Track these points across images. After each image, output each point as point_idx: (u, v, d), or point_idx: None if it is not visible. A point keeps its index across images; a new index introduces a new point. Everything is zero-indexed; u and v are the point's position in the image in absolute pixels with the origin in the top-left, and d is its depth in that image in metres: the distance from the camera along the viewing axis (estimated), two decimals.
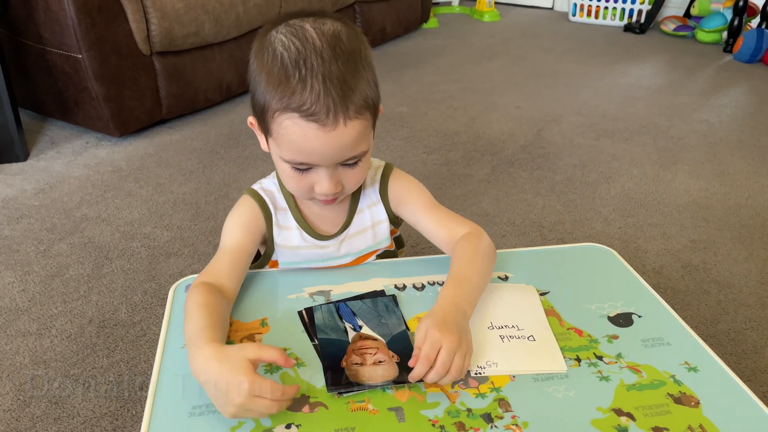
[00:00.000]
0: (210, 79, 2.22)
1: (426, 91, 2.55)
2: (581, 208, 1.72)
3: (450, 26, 3.57)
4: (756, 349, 1.23)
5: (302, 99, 0.67)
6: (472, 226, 0.84)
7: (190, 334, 0.67)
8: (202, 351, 0.63)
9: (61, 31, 1.83)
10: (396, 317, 0.75)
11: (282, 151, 0.72)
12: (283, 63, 0.69)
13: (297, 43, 0.69)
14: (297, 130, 0.68)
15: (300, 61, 0.68)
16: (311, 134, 0.68)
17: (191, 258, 1.48)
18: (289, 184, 0.77)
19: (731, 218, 1.68)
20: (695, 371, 0.68)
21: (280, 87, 0.68)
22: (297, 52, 0.68)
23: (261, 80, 0.71)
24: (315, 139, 0.68)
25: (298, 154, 0.71)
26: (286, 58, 0.69)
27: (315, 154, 0.70)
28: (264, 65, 0.70)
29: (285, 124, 0.69)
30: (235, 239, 0.81)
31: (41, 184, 1.80)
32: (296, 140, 0.69)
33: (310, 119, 0.67)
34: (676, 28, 3.37)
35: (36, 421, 1.05)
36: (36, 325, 1.26)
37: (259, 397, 0.58)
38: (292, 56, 0.68)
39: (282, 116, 0.69)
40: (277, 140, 0.72)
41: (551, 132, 2.19)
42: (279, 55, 0.69)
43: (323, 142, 0.69)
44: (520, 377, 0.67)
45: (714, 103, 2.48)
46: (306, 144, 0.69)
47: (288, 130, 0.69)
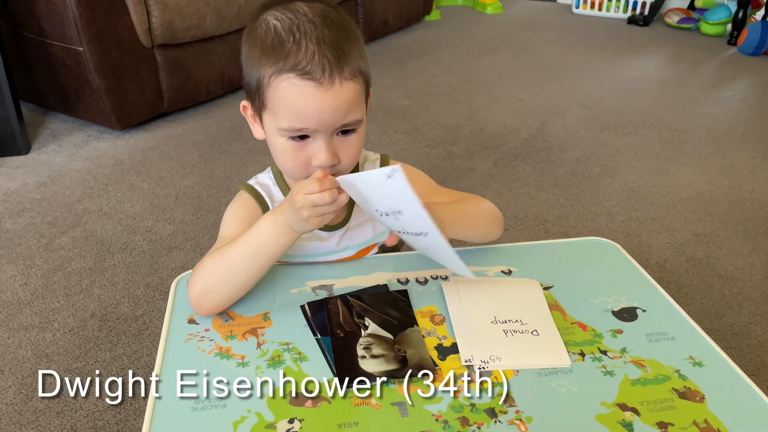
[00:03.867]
0: (211, 72, 2.22)
1: (428, 84, 2.54)
2: (585, 201, 1.71)
3: (453, 18, 3.55)
4: (760, 344, 1.22)
5: (297, 59, 0.68)
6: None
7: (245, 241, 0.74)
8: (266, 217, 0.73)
9: (62, 24, 1.82)
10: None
11: (278, 119, 0.72)
12: (276, 32, 0.70)
13: (289, 14, 0.71)
14: (294, 91, 0.69)
15: (293, 27, 0.69)
16: (308, 93, 0.69)
17: (193, 252, 1.47)
18: (285, 161, 0.77)
19: (735, 212, 1.67)
20: (700, 366, 0.68)
21: (275, 53, 0.69)
22: (290, 21, 0.70)
23: (254, 54, 0.72)
24: (311, 98, 0.69)
25: (295, 118, 0.71)
26: (279, 28, 0.70)
27: (312, 116, 0.70)
28: (257, 39, 0.72)
29: (281, 87, 0.69)
30: (232, 232, 0.81)
31: (43, 178, 1.80)
32: (293, 102, 0.70)
33: (306, 78, 0.68)
34: (680, 20, 3.35)
35: (39, 415, 1.05)
36: (38, 319, 1.26)
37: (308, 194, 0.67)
38: (285, 25, 0.70)
39: (278, 79, 0.69)
40: (273, 109, 0.72)
41: (554, 125, 2.18)
42: (272, 27, 0.71)
43: (319, 101, 0.69)
44: (524, 372, 0.67)
45: (718, 96, 2.47)
46: (303, 105, 0.69)
47: (285, 92, 0.70)
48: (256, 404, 0.63)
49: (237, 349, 0.70)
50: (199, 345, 0.71)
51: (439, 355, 0.69)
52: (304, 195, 0.68)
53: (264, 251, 0.73)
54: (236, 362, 0.68)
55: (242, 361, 0.69)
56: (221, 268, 0.73)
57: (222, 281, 0.74)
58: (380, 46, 3.00)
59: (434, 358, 0.69)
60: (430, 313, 0.76)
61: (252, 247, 0.73)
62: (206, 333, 0.73)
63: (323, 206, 0.68)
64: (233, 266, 0.73)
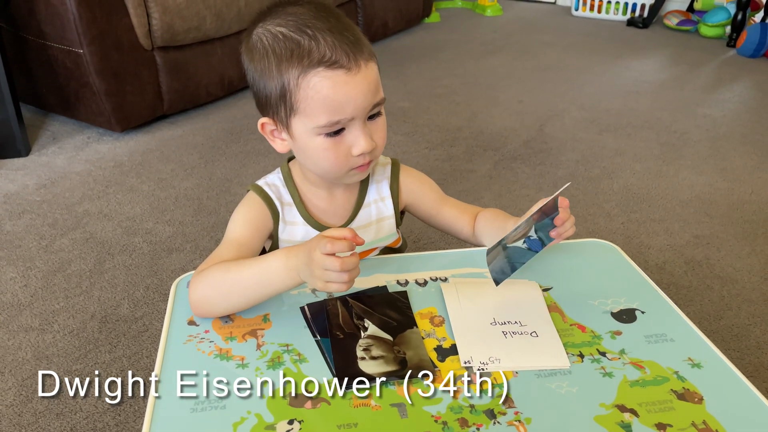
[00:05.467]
0: (211, 74, 2.22)
1: (428, 86, 2.54)
2: (584, 203, 1.71)
3: (452, 21, 3.56)
4: (759, 345, 1.22)
5: (321, 52, 0.69)
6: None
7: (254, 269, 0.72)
8: (280, 253, 0.70)
9: (62, 26, 1.82)
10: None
11: (315, 117, 0.72)
12: (285, 36, 0.70)
13: (290, 18, 0.71)
14: (326, 83, 0.69)
15: (301, 26, 0.70)
16: (341, 81, 0.69)
17: (193, 253, 1.48)
18: (326, 160, 0.76)
19: (734, 214, 1.67)
20: (699, 367, 0.68)
21: (294, 54, 0.69)
22: (294, 22, 0.70)
23: (267, 66, 0.71)
24: (345, 86, 0.70)
25: (332, 111, 0.71)
26: (287, 32, 0.70)
27: (348, 103, 0.71)
28: (266, 50, 0.71)
29: (313, 83, 0.70)
30: (240, 233, 0.81)
31: (43, 180, 1.80)
32: (328, 94, 0.70)
33: (335, 67, 0.69)
34: (679, 22, 3.35)
35: (38, 417, 1.05)
36: (38, 321, 1.26)
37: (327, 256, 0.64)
38: (291, 28, 0.70)
39: (307, 77, 0.70)
40: (306, 110, 0.72)
41: (554, 127, 2.19)
42: (278, 34, 0.71)
43: (352, 87, 0.70)
44: (523, 373, 0.67)
45: (717, 98, 2.47)
46: (338, 94, 0.70)
47: (317, 88, 0.70)
48: (256, 405, 0.63)
49: (237, 351, 0.70)
50: (198, 346, 0.71)
51: (438, 357, 0.69)
52: (321, 254, 0.65)
53: (267, 285, 0.72)
54: (236, 363, 0.69)
55: (242, 363, 0.69)
56: (224, 285, 0.73)
57: (221, 297, 0.74)
58: (380, 48, 3.00)
59: (434, 360, 0.69)
60: (429, 315, 0.76)
61: (257, 278, 0.72)
62: (206, 334, 0.73)
63: (334, 274, 0.65)
64: (235, 288, 0.73)
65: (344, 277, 0.65)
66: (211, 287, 0.73)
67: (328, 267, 0.65)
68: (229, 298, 0.73)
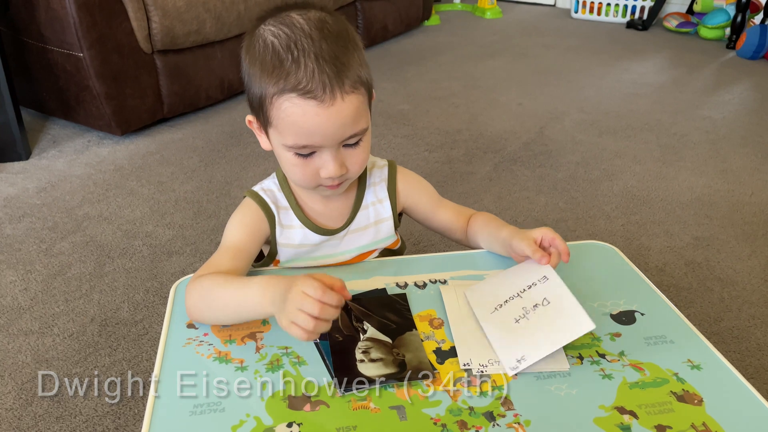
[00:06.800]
0: (211, 77, 2.22)
1: (428, 89, 2.55)
2: (584, 205, 1.71)
3: (452, 23, 3.56)
4: (759, 347, 1.22)
5: (297, 78, 0.68)
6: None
7: (237, 288, 0.71)
8: (263, 279, 0.69)
9: (63, 30, 1.83)
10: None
11: (284, 137, 0.72)
12: (274, 50, 0.69)
13: (286, 29, 0.70)
14: (297, 111, 0.69)
15: (291, 44, 0.69)
16: (311, 112, 0.68)
17: (193, 257, 1.48)
18: (294, 174, 0.77)
19: (734, 215, 1.67)
20: (698, 369, 0.68)
21: (275, 72, 0.69)
22: (287, 37, 0.69)
23: (255, 72, 0.71)
24: (315, 117, 0.69)
25: (300, 136, 0.71)
26: (277, 45, 0.70)
27: (317, 133, 0.70)
28: (256, 56, 0.71)
29: (284, 107, 0.69)
30: (236, 238, 0.81)
31: (43, 183, 1.80)
32: (297, 121, 0.69)
33: (308, 97, 0.68)
34: (679, 24, 3.36)
35: (38, 420, 1.05)
36: (38, 324, 1.26)
37: (307, 296, 0.61)
38: (282, 42, 0.69)
39: (280, 99, 0.69)
40: (278, 127, 0.72)
41: (553, 129, 2.19)
42: (270, 44, 0.70)
43: (324, 119, 0.69)
44: (523, 375, 0.67)
45: (717, 100, 2.47)
46: (307, 123, 0.69)
47: (288, 112, 0.69)
48: (255, 408, 0.63)
49: (236, 354, 0.70)
50: (198, 349, 0.71)
51: (437, 359, 0.69)
52: (302, 292, 0.62)
53: (243, 310, 0.71)
54: (235, 366, 0.69)
55: (241, 366, 0.69)
56: (210, 298, 0.73)
57: (208, 310, 0.74)
58: (380, 52, 3.00)
59: (433, 362, 0.69)
60: (428, 317, 0.76)
61: (236, 299, 0.71)
62: (205, 337, 0.73)
63: (303, 316, 0.61)
64: (217, 304, 0.73)
65: (310, 324, 0.61)
66: (200, 298, 0.74)
67: (304, 308, 0.61)
68: (215, 312, 0.74)
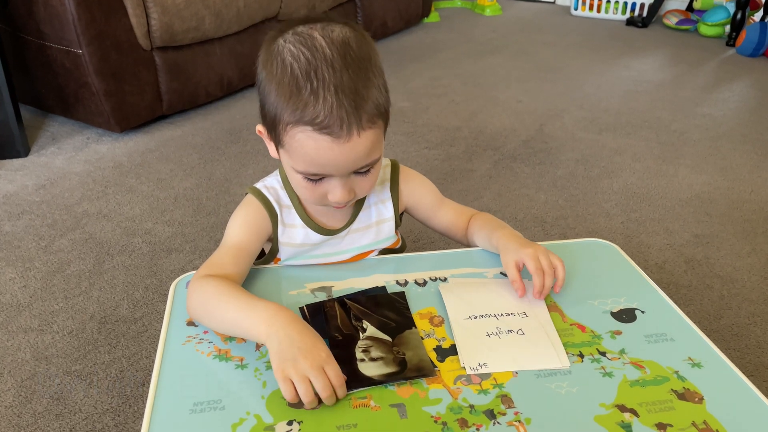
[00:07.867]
0: (211, 74, 2.22)
1: (427, 86, 2.54)
2: (583, 203, 1.71)
3: (451, 20, 3.55)
4: (759, 345, 1.22)
5: (315, 112, 0.66)
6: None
7: (240, 304, 0.70)
8: (271, 306, 0.68)
9: (61, 26, 1.82)
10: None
11: (295, 162, 0.72)
12: (293, 74, 0.67)
13: (306, 53, 0.68)
14: (311, 144, 0.68)
15: (311, 72, 0.67)
16: (325, 146, 0.67)
17: (192, 254, 1.47)
18: (301, 193, 0.78)
19: (734, 213, 1.67)
20: (699, 367, 0.68)
21: (291, 99, 0.67)
22: (307, 62, 0.67)
23: (271, 90, 0.69)
24: (329, 151, 0.68)
25: (311, 165, 0.70)
26: (296, 69, 0.67)
27: (329, 165, 0.70)
28: (274, 75, 0.69)
29: (298, 137, 0.68)
30: (238, 237, 0.81)
31: (42, 180, 1.80)
32: (310, 153, 0.69)
33: (323, 132, 0.66)
34: (679, 21, 3.35)
35: (38, 418, 1.05)
36: (37, 321, 1.26)
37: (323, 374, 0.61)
38: (302, 67, 0.67)
39: (295, 129, 0.68)
40: (289, 152, 0.71)
41: (553, 126, 2.19)
42: (289, 66, 0.68)
43: (337, 154, 0.68)
44: (523, 373, 0.67)
45: (717, 97, 2.47)
46: (320, 156, 0.68)
47: (301, 143, 0.68)
48: (255, 406, 0.63)
49: (236, 351, 0.70)
50: (197, 347, 0.71)
51: (438, 357, 0.69)
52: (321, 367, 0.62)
53: (240, 330, 0.70)
54: (235, 364, 0.69)
55: (241, 363, 0.69)
56: (208, 307, 0.72)
57: (205, 316, 0.74)
58: (379, 49, 2.97)
59: (433, 360, 0.69)
60: (429, 315, 0.76)
61: (236, 320, 0.70)
62: (205, 335, 0.73)
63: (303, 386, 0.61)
64: (216, 315, 0.72)
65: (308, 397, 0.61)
66: (201, 304, 0.73)
67: (312, 375, 0.61)
68: (213, 322, 0.73)
